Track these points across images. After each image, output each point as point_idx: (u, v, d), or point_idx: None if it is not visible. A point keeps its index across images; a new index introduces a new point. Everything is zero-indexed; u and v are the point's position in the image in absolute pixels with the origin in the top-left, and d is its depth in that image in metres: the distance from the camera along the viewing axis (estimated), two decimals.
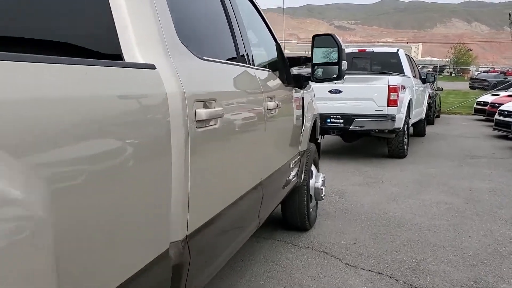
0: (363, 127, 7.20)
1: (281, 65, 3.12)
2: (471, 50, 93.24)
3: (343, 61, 2.96)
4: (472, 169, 6.91)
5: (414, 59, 10.93)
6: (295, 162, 3.30)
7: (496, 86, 26.58)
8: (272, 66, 3.06)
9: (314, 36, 3.08)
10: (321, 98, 7.30)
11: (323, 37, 3.04)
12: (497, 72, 46.50)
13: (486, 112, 13.93)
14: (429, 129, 11.82)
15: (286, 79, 3.10)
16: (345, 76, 7.24)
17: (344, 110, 7.29)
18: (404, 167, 7.07)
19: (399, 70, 8.41)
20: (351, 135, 8.06)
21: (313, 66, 3.07)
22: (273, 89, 2.65)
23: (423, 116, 10.49)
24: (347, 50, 9.26)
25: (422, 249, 3.61)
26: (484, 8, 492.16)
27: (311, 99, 3.90)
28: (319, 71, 3.12)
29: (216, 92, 1.72)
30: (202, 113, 1.52)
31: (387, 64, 8.77)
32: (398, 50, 8.91)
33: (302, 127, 3.46)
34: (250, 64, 2.32)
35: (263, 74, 2.55)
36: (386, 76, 7.12)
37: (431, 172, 6.62)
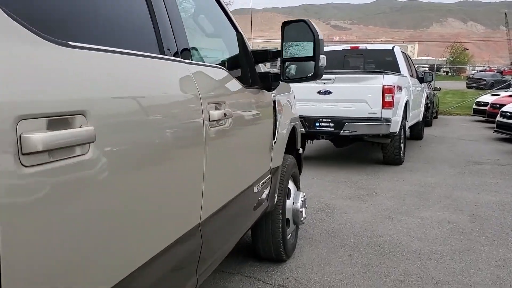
0: (355, 131, 6.52)
1: (243, 61, 2.44)
2: (467, 49, 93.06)
3: (321, 55, 2.28)
4: (476, 178, 6.24)
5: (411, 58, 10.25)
6: (264, 183, 2.62)
7: (494, 86, 26.01)
8: (230, 62, 2.40)
9: (284, 24, 2.40)
10: (309, 99, 6.68)
11: (295, 25, 2.36)
12: (494, 72, 45.97)
13: (487, 113, 13.28)
14: (426, 131, 11.15)
15: (250, 79, 2.43)
16: (336, 76, 6.67)
17: (334, 113, 6.61)
18: (400, 175, 6.40)
19: (395, 69, 7.76)
20: (342, 140, 7.39)
21: (284, 62, 2.39)
22: (223, 93, 1.96)
23: (421, 118, 9.82)
24: (339, 47, 8.63)
25: (422, 287, 2.94)
26: (479, 7, 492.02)
27: (288, 101, 3.22)
28: (292, 68, 2.45)
29: (87, 100, 1.03)
30: (38, 139, 0.84)
31: (382, 62, 8.11)
32: (393, 47, 8.24)
33: (274, 139, 2.79)
34: (183, 58, 1.64)
35: (207, 72, 1.86)
36: (380, 75, 6.44)
37: (431, 182, 5.95)
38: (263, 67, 2.75)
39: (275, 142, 2.79)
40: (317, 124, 6.72)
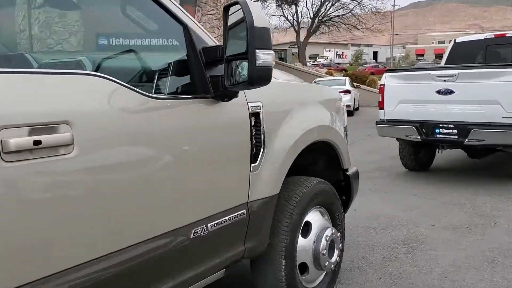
0: (483, 140, 5.20)
1: (191, 62, 1.86)
2: None
3: (259, 51, 1.58)
4: None
5: None
6: (223, 222, 1.95)
7: None
8: (174, 65, 1.91)
9: (226, 9, 1.74)
10: (426, 101, 5.63)
11: (233, 9, 1.69)
12: None
13: None
14: None
15: (198, 86, 1.85)
16: (459, 71, 5.42)
17: (457, 117, 5.38)
18: None
19: None
20: (476, 150, 6.04)
21: (228, 61, 1.74)
22: (64, 110, 1.36)
23: None
24: (480, 36, 7.19)
25: None
26: None
27: (302, 108, 2.51)
28: (245, 68, 1.76)
29: None
30: None
31: None
32: None
33: (257, 161, 2.12)
34: None
35: (22, 82, 1.33)
36: None
37: None
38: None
39: (256, 167, 2.11)
40: (437, 130, 5.56)
